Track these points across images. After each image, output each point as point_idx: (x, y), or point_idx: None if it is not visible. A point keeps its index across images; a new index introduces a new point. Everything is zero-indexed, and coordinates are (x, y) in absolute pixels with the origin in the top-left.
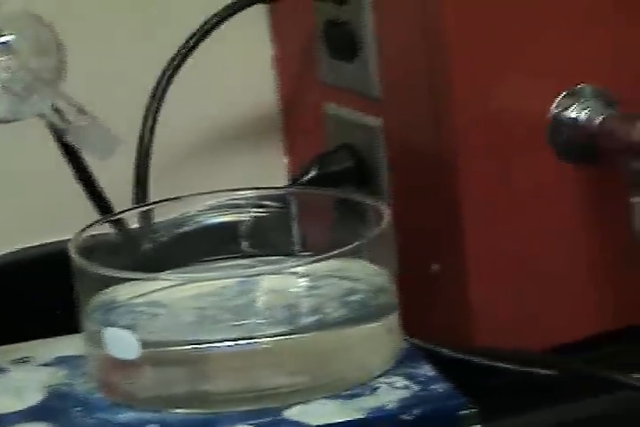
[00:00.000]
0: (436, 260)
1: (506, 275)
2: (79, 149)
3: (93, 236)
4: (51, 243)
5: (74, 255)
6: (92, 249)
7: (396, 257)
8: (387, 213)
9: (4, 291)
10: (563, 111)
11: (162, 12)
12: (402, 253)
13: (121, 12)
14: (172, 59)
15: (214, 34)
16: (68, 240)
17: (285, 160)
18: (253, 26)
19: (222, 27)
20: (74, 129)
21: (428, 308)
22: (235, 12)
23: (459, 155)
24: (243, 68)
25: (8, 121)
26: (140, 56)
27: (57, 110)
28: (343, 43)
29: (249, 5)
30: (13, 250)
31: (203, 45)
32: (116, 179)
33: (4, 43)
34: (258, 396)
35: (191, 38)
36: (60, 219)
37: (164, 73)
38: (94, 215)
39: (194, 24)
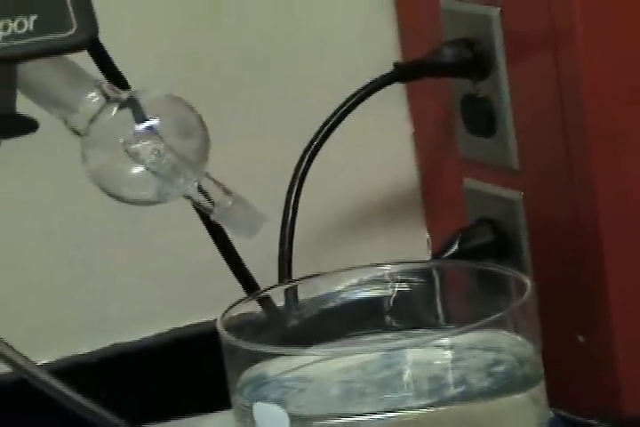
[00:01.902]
0: (582, 331)
1: None
2: (224, 228)
3: (240, 314)
4: (199, 323)
5: (222, 332)
6: (240, 327)
7: (539, 328)
8: (528, 284)
9: (155, 370)
10: None
11: (301, 91)
12: (547, 325)
13: (260, 91)
14: (314, 138)
15: (353, 113)
16: (215, 320)
17: (426, 235)
18: (392, 104)
19: (361, 105)
20: (219, 209)
21: (574, 379)
22: (373, 92)
23: (601, 227)
24: (382, 146)
25: (155, 202)
26: (282, 136)
27: (202, 191)
28: (481, 118)
29: (387, 84)
30: (163, 331)
31: (342, 124)
32: (259, 256)
33: (149, 127)
34: None
35: (331, 118)
36: (207, 298)
37: (305, 152)
38: (240, 294)
39: (333, 104)
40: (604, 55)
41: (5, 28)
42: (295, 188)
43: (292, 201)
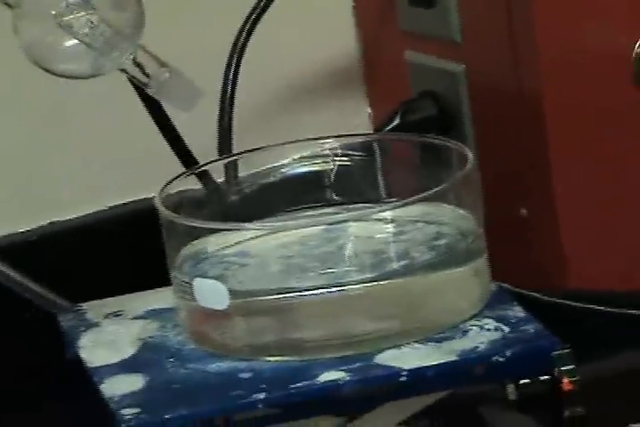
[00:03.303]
0: (525, 205)
1: (596, 217)
2: (161, 102)
3: (180, 191)
4: (138, 200)
5: (161, 208)
6: (179, 204)
7: (482, 201)
8: (470, 156)
9: (94, 248)
10: None
11: None
12: (490, 199)
13: None
14: (252, 11)
15: None
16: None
17: (368, 109)
18: None
19: None
20: (155, 82)
21: (518, 252)
22: None
23: (544, 97)
24: (323, 19)
25: (90, 76)
26: (220, 8)
27: (138, 64)
28: None
29: None
30: (102, 208)
31: None
32: (200, 132)
33: None
34: (348, 342)
35: None
36: (147, 175)
37: (243, 25)
38: (180, 170)
39: None
40: None
41: None
42: (234, 61)
43: (231, 74)
